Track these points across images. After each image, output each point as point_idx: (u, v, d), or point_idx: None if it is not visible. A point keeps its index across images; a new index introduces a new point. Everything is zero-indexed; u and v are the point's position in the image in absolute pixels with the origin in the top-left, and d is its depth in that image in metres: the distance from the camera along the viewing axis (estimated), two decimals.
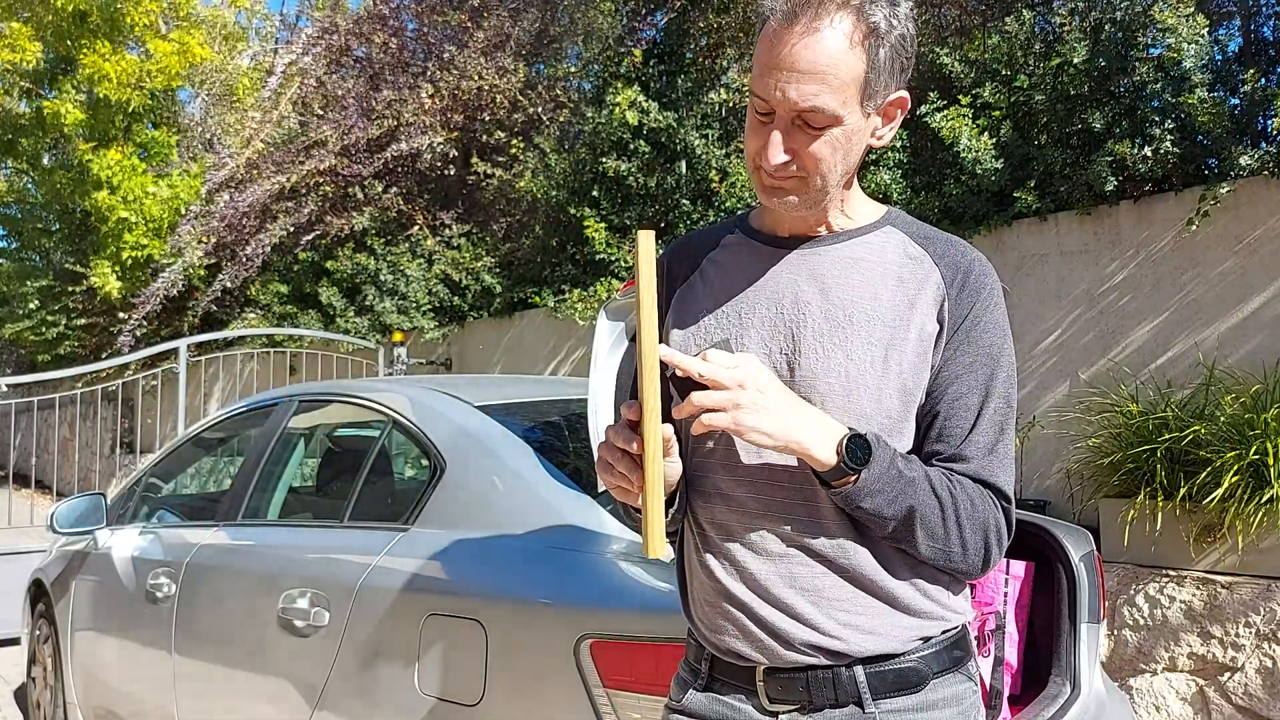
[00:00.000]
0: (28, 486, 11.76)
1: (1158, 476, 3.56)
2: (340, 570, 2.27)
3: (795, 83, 1.08)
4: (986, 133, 4.71)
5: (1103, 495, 3.86)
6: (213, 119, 11.63)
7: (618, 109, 6.16)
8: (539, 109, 7.73)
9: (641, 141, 6.40)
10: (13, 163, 13.75)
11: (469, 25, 7.97)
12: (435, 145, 7.96)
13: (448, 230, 8.17)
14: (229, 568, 2.72)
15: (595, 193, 6.82)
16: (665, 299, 1.29)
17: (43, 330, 12.98)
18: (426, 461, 2.37)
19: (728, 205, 5.85)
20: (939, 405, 1.16)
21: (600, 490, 2.05)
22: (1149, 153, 4.20)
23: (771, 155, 1.11)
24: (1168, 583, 3.57)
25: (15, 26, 11.00)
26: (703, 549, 1.22)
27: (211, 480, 5.06)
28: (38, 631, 3.95)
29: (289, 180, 8.50)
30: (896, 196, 5.03)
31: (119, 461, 11.64)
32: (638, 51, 6.72)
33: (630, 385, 1.31)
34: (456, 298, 7.97)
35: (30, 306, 13.21)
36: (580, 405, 2.61)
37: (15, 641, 5.29)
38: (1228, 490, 3.30)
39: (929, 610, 1.18)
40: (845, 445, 1.08)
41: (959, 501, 1.13)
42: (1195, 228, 4.12)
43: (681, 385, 1.09)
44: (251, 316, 9.73)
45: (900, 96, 1.16)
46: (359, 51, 9.13)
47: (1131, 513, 3.61)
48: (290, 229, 8.76)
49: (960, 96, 4.82)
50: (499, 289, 7.66)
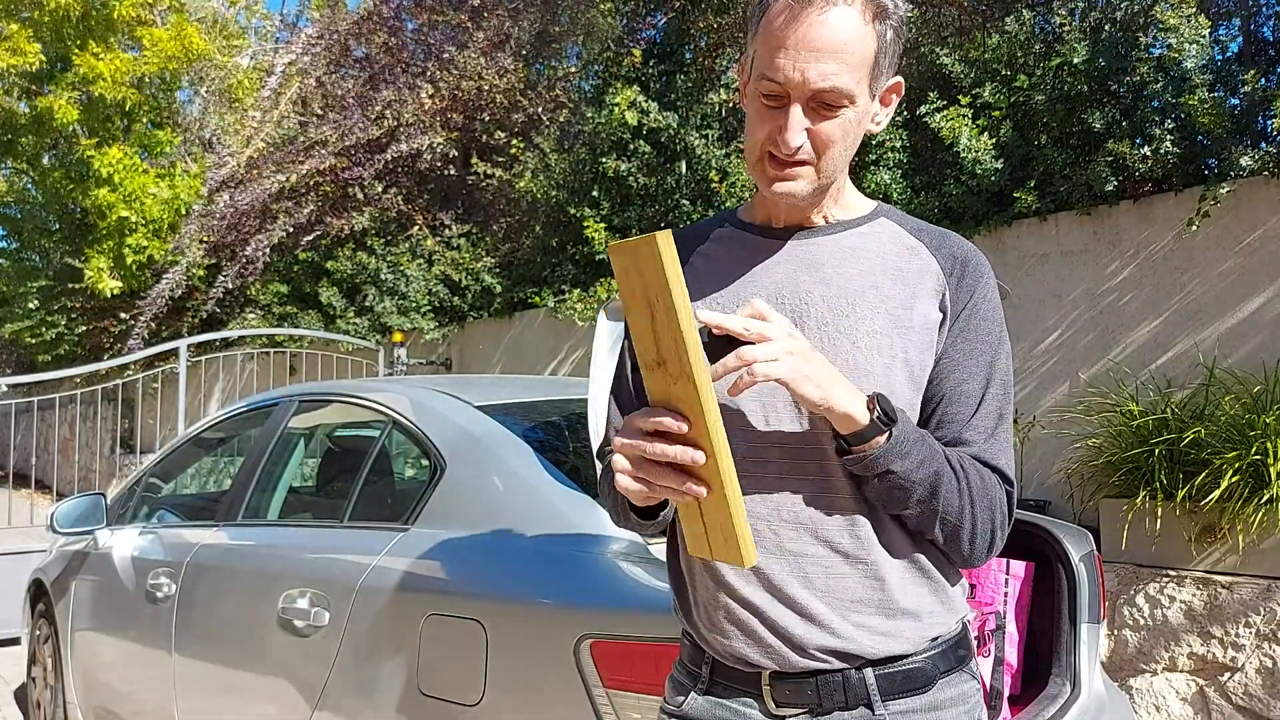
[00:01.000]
0: (28, 486, 11.76)
1: (1158, 477, 3.56)
2: (340, 570, 2.27)
3: (814, 62, 1.06)
4: (986, 133, 4.71)
5: (1103, 495, 3.86)
6: (213, 118, 11.63)
7: (618, 109, 6.16)
8: (539, 109, 7.73)
9: (641, 141, 6.40)
10: (12, 163, 13.75)
11: (469, 25, 7.97)
12: (435, 145, 7.96)
13: (448, 230, 8.17)
14: (229, 568, 2.72)
15: (595, 193, 6.82)
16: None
17: (43, 330, 12.98)
18: (426, 461, 2.37)
19: (728, 205, 5.85)
20: (941, 391, 1.17)
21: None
22: (1149, 153, 4.20)
23: (791, 138, 1.09)
24: (1168, 583, 3.57)
25: (15, 28, 11.01)
26: None
27: (211, 480, 5.06)
28: (38, 631, 3.95)
29: (289, 180, 8.50)
30: (896, 196, 5.03)
31: (119, 461, 11.64)
32: (637, 51, 6.72)
33: (633, 384, 1.29)
34: (456, 298, 7.97)
35: (30, 306, 13.21)
36: (580, 405, 2.61)
37: (15, 641, 5.29)
38: (1227, 490, 3.30)
39: (939, 608, 1.17)
40: (876, 401, 1.06)
41: (970, 476, 1.12)
42: (1195, 228, 4.12)
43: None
44: (251, 316, 9.73)
45: (896, 81, 1.17)
46: (359, 51, 9.13)
47: (1131, 513, 3.61)
48: (290, 229, 8.76)
49: (960, 96, 4.82)
50: (499, 289, 7.66)
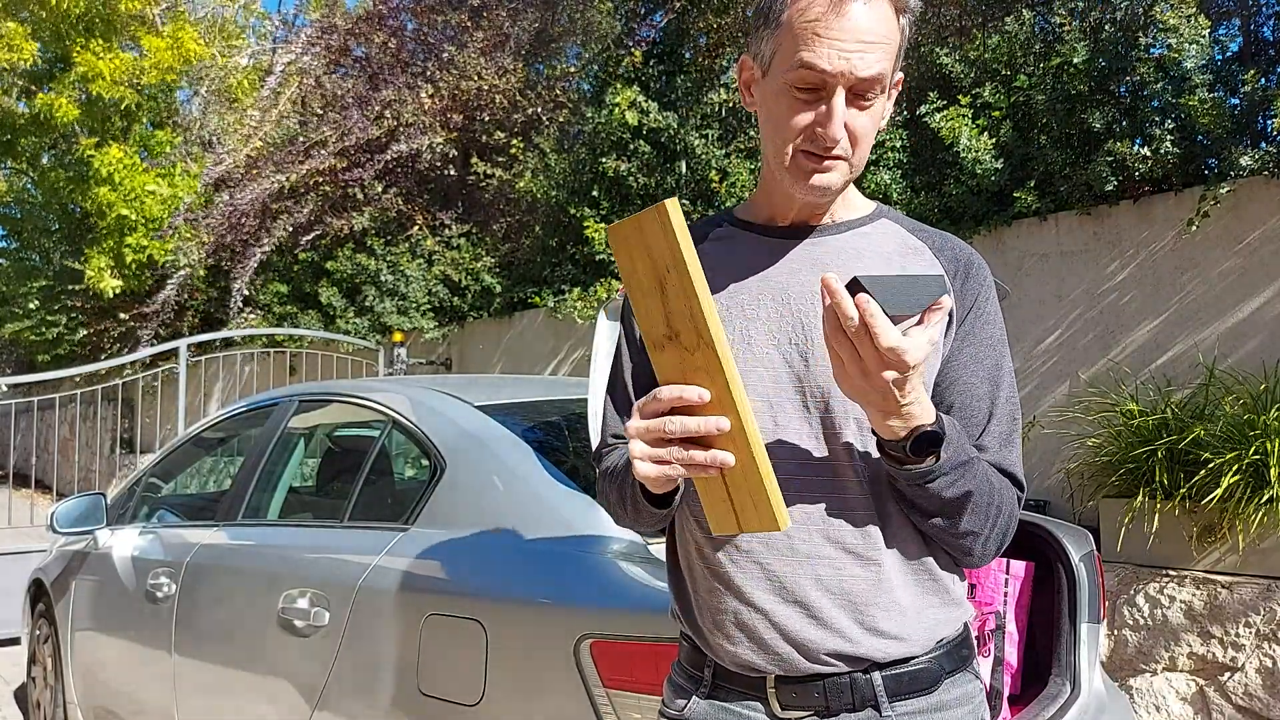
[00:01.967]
0: (28, 486, 11.76)
1: (1158, 477, 3.56)
2: (340, 570, 2.27)
3: (861, 51, 1.04)
4: (986, 133, 4.71)
5: (1103, 495, 3.86)
6: (213, 118, 11.63)
7: (617, 109, 6.16)
8: (539, 109, 7.73)
9: (641, 141, 6.40)
10: (12, 163, 13.75)
11: (469, 25, 7.97)
12: (435, 145, 7.96)
13: (448, 230, 8.17)
14: (229, 568, 2.72)
15: (595, 193, 6.82)
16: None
17: (43, 330, 12.98)
18: (426, 461, 2.37)
19: (728, 205, 5.85)
20: (951, 396, 1.15)
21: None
22: (1149, 153, 4.20)
23: (836, 129, 1.06)
24: (1168, 583, 3.57)
25: (12, 26, 11.01)
26: (712, 550, 1.16)
27: (211, 480, 5.06)
28: (38, 631, 3.95)
29: (289, 180, 8.50)
30: (896, 196, 5.03)
31: (119, 461, 11.64)
32: (637, 52, 6.72)
33: (632, 379, 1.28)
34: (456, 298, 7.97)
35: (30, 306, 13.21)
36: (580, 405, 2.61)
37: (15, 641, 5.29)
38: (1227, 490, 3.30)
39: (945, 610, 1.16)
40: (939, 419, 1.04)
41: (994, 488, 1.11)
42: (1195, 228, 4.12)
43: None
44: (251, 316, 9.73)
45: (900, 78, 1.16)
46: (358, 51, 9.13)
47: (1131, 513, 3.61)
48: (290, 229, 8.76)
49: (960, 96, 4.82)
50: (499, 289, 7.66)
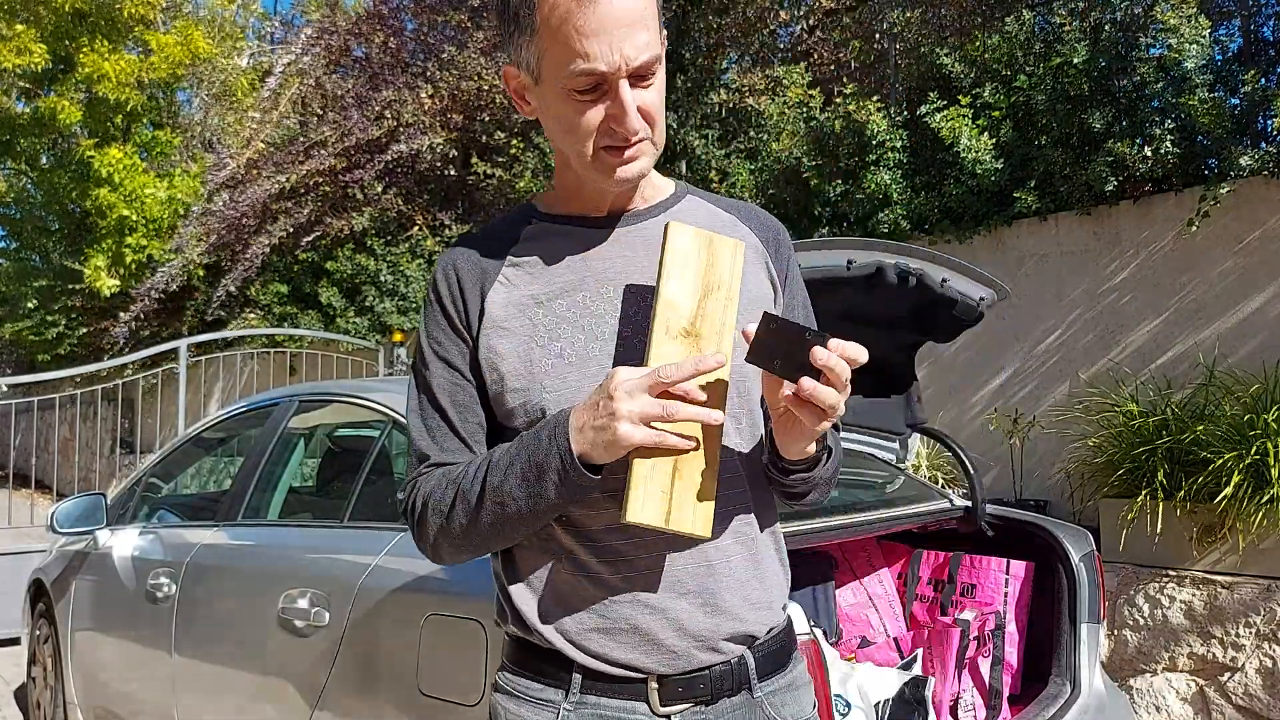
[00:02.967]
0: (28, 486, 11.76)
1: (1158, 477, 3.56)
2: (340, 570, 2.27)
3: (628, 38, 1.00)
4: (986, 133, 4.71)
5: (1103, 495, 3.86)
6: (213, 118, 11.63)
7: None
8: None
9: None
10: (12, 163, 13.75)
11: (468, 25, 7.97)
12: (435, 145, 7.96)
13: (448, 231, 8.17)
14: (229, 568, 2.72)
15: None
16: (471, 316, 1.15)
17: (43, 330, 12.98)
18: None
19: None
20: None
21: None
22: (1149, 153, 4.20)
23: (634, 120, 1.03)
24: (1168, 583, 3.57)
25: (20, 29, 11.00)
26: (595, 555, 1.10)
27: (211, 480, 5.06)
28: (38, 631, 3.95)
29: (289, 181, 8.50)
30: (896, 196, 5.03)
31: (119, 461, 11.64)
32: None
33: (472, 408, 1.20)
34: None
35: (30, 306, 13.21)
36: None
37: (15, 641, 5.29)
38: (1230, 489, 3.30)
39: (784, 580, 1.21)
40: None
41: (840, 446, 1.20)
42: (1195, 228, 4.12)
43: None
44: (251, 316, 9.73)
45: (663, 31, 1.12)
46: (358, 51, 9.13)
47: (1131, 513, 3.61)
48: (290, 229, 8.76)
49: (960, 96, 4.82)
50: None
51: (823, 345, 0.95)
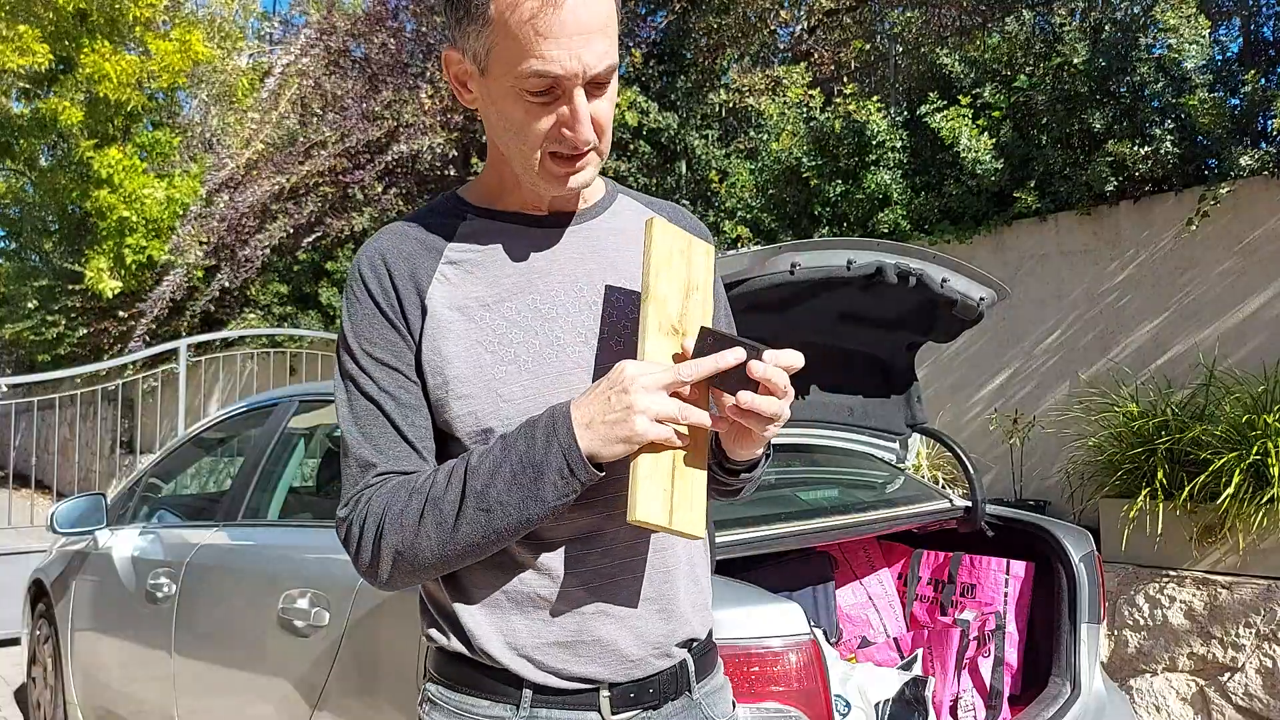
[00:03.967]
0: (28, 486, 11.75)
1: (1158, 477, 3.56)
2: (340, 570, 2.27)
3: (587, 45, 0.97)
4: (986, 133, 4.71)
5: (1103, 495, 3.86)
6: (213, 118, 11.63)
7: (618, 109, 6.16)
8: None
9: (642, 142, 6.41)
10: (10, 164, 13.75)
11: None
12: (435, 146, 7.96)
13: None
14: (229, 568, 2.72)
15: None
16: (410, 313, 1.08)
17: (43, 330, 12.98)
18: None
19: (728, 205, 5.85)
20: None
21: None
22: (1149, 153, 4.20)
23: (586, 130, 1.00)
24: (1168, 583, 3.57)
25: (23, 29, 11.00)
26: (556, 566, 1.06)
27: (211, 480, 5.06)
28: (38, 631, 3.95)
29: (288, 181, 8.50)
30: (896, 196, 5.03)
31: (119, 461, 11.64)
32: (637, 52, 6.72)
33: (419, 411, 1.13)
34: None
35: (30, 306, 13.20)
36: None
37: (15, 641, 5.29)
38: (1231, 489, 3.30)
39: (708, 581, 1.21)
40: None
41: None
42: (1195, 228, 4.12)
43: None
44: (251, 317, 9.73)
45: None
46: (358, 52, 9.13)
47: (1132, 513, 3.61)
48: (290, 230, 8.76)
49: (960, 96, 4.82)
50: None
51: (758, 358, 0.95)
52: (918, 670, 2.26)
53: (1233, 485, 3.29)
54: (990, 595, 2.54)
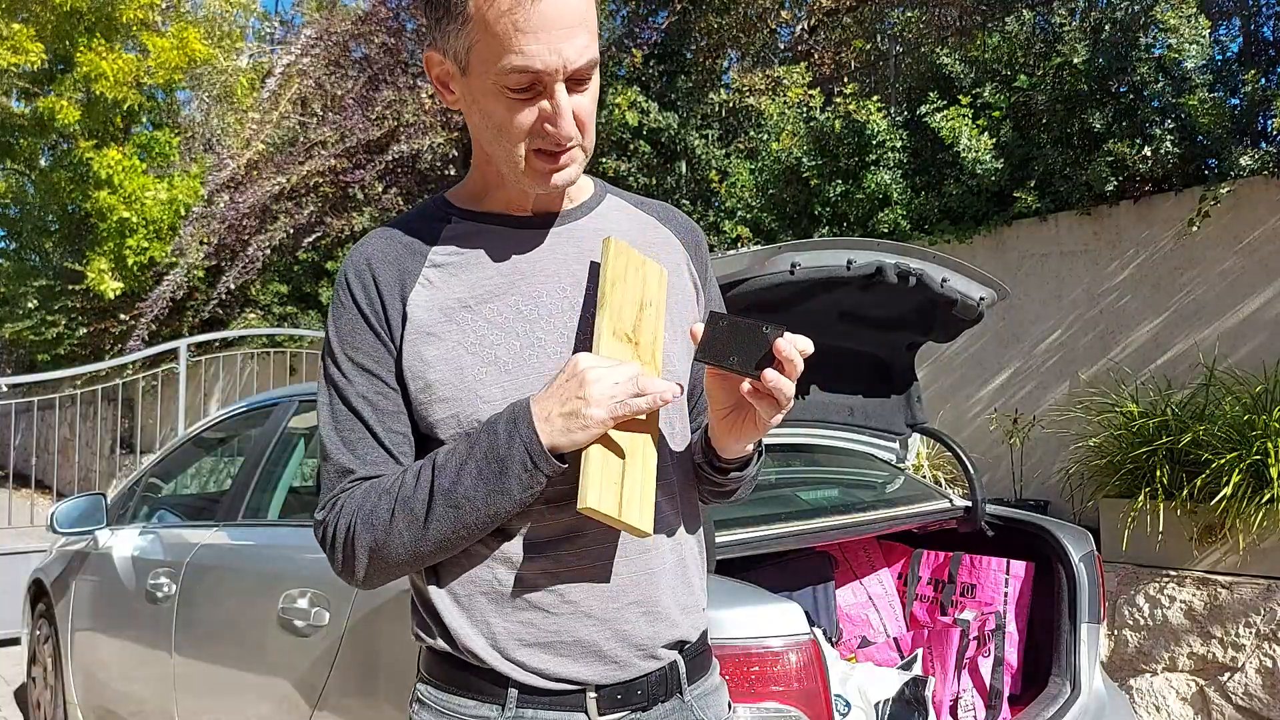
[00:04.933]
0: (28, 486, 11.75)
1: (1158, 477, 3.57)
2: None
3: (568, 39, 0.96)
4: (986, 133, 4.71)
5: (1103, 495, 3.86)
6: (213, 119, 11.62)
7: (618, 109, 6.16)
8: None
9: (642, 142, 6.40)
10: (10, 163, 13.75)
11: None
12: (435, 146, 7.96)
13: None
14: (229, 568, 2.72)
15: None
16: (392, 319, 1.08)
17: (43, 330, 12.98)
18: None
19: (728, 205, 5.85)
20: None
21: None
22: (1149, 153, 4.20)
23: (567, 127, 1.00)
24: (1168, 583, 3.57)
25: (17, 28, 11.00)
26: (535, 566, 1.06)
27: (211, 480, 5.06)
28: (38, 631, 3.95)
29: (289, 181, 8.50)
30: (896, 196, 5.03)
31: (119, 461, 11.64)
32: (638, 52, 6.72)
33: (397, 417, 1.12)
34: None
35: (30, 306, 13.20)
36: None
37: (15, 641, 5.29)
38: (1229, 490, 3.30)
39: (702, 584, 1.20)
40: None
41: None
42: (1195, 228, 4.12)
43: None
44: (251, 316, 9.73)
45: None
46: (358, 52, 9.12)
47: (1132, 513, 3.61)
48: (290, 230, 8.76)
49: (960, 96, 4.82)
50: None
51: (779, 336, 0.96)
52: (918, 670, 2.26)
53: (1232, 485, 3.29)
54: (990, 595, 2.54)
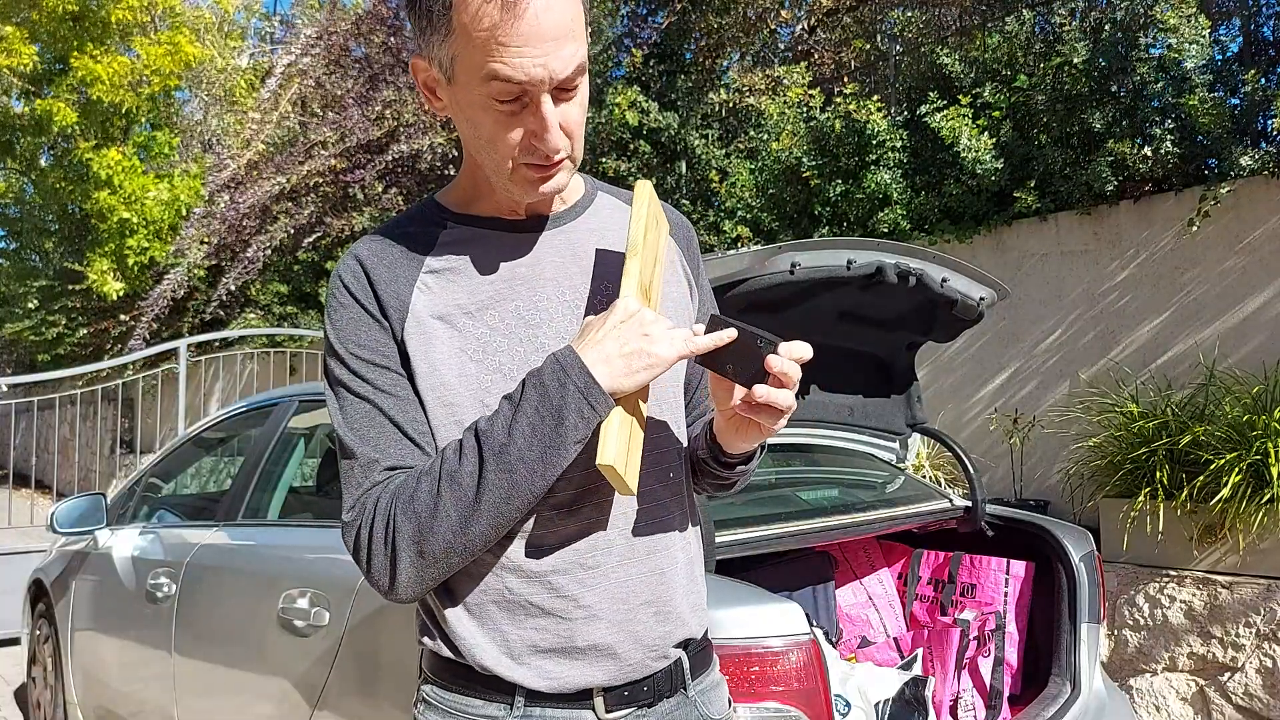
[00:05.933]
0: (28, 486, 11.75)
1: (1158, 477, 3.57)
2: (340, 570, 2.27)
3: (554, 51, 0.94)
4: (986, 133, 4.71)
5: (1103, 495, 3.86)
6: (213, 119, 11.63)
7: (618, 109, 6.16)
8: None
9: (642, 141, 6.40)
10: (11, 163, 13.76)
11: None
12: (435, 146, 7.96)
13: None
14: (229, 568, 2.72)
15: None
16: (393, 319, 1.06)
17: (43, 330, 12.98)
18: None
19: (728, 205, 5.85)
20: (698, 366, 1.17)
21: None
22: (1149, 153, 4.20)
23: (554, 139, 0.98)
24: (1168, 583, 3.57)
25: (10, 30, 11.01)
26: (552, 572, 1.05)
27: (211, 480, 5.06)
28: (38, 631, 3.95)
29: (289, 181, 8.50)
30: (896, 196, 5.03)
31: (119, 461, 11.64)
32: (638, 52, 6.72)
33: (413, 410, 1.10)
34: None
35: (30, 306, 13.21)
36: None
37: (15, 641, 5.29)
38: (1228, 491, 3.30)
39: (702, 578, 1.20)
40: None
41: None
42: (1195, 228, 4.12)
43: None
44: (251, 316, 9.73)
45: (589, 28, 1.09)
46: (358, 51, 9.12)
47: (1132, 513, 3.61)
48: (291, 230, 8.76)
49: (960, 96, 4.82)
50: None
51: (774, 351, 0.96)
52: (918, 670, 2.26)
53: (1231, 485, 3.29)
54: (990, 595, 2.54)
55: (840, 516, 2.31)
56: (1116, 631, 3.70)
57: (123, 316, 10.38)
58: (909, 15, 5.98)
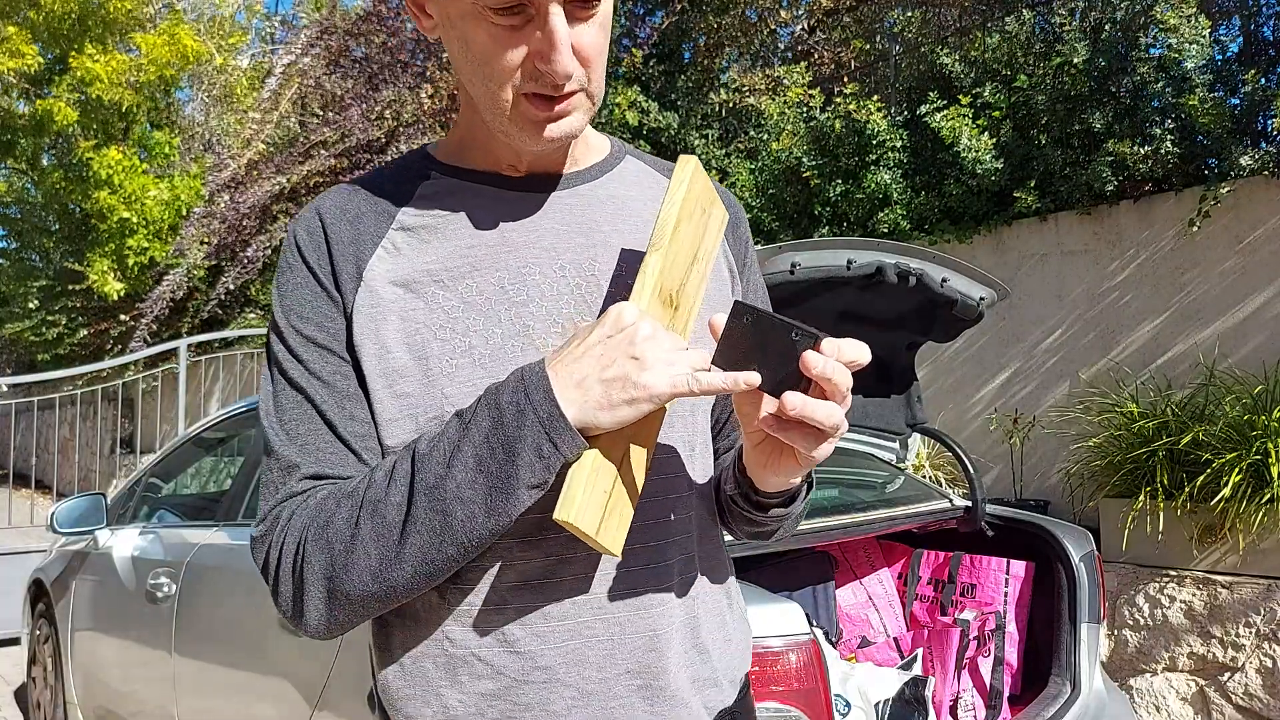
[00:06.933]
0: (28, 486, 11.75)
1: (1158, 477, 3.57)
2: None
3: None
4: (986, 133, 4.71)
5: (1103, 495, 3.86)
6: (213, 119, 11.63)
7: (618, 109, 6.16)
8: None
9: (642, 141, 6.41)
10: (11, 163, 13.76)
11: None
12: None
13: None
14: (229, 568, 2.72)
15: None
16: (345, 287, 0.86)
17: (43, 330, 12.99)
18: None
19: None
20: None
21: None
22: (1149, 153, 4.20)
23: (564, 61, 0.77)
24: (1168, 583, 3.57)
25: (13, 30, 11.01)
26: (480, 626, 0.83)
27: (211, 480, 5.06)
28: (38, 631, 3.95)
29: (289, 181, 8.50)
30: (896, 196, 5.03)
31: (119, 461, 11.64)
32: (637, 52, 6.72)
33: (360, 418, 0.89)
34: None
35: (30, 306, 13.21)
36: None
37: (15, 641, 5.29)
38: (1228, 490, 3.31)
39: (743, 635, 0.99)
40: None
41: None
42: (1195, 228, 4.12)
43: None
44: (251, 316, 9.73)
45: None
46: (358, 52, 9.12)
47: (1132, 513, 3.61)
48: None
49: (960, 96, 4.82)
50: None
51: (813, 347, 0.70)
52: (918, 670, 2.26)
53: (1231, 485, 3.29)
54: (990, 595, 2.54)
55: (840, 516, 2.31)
56: (1116, 631, 3.70)
57: (123, 316, 10.39)
58: (909, 15, 5.98)
